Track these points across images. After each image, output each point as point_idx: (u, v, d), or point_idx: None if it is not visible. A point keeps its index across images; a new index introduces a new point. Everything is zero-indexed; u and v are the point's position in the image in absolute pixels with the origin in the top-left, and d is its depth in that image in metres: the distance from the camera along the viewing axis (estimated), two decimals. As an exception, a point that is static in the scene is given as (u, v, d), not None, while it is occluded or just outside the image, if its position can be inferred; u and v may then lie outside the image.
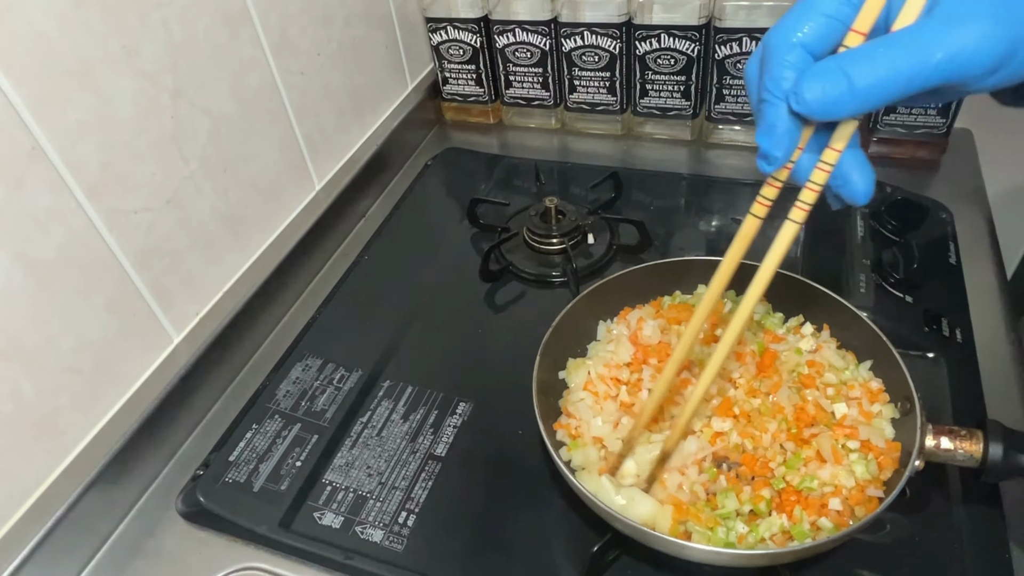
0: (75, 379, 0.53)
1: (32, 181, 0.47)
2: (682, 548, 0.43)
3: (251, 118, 0.67)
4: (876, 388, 0.51)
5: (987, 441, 0.45)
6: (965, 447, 0.46)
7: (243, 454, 0.58)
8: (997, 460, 0.45)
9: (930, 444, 0.46)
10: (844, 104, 0.32)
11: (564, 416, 0.54)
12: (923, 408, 0.47)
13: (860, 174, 0.35)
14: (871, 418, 0.50)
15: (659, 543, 0.44)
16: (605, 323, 0.61)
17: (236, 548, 0.53)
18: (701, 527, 0.45)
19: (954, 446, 0.46)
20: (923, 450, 0.46)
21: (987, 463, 0.45)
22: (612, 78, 0.86)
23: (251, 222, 0.69)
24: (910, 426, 0.47)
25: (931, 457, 0.46)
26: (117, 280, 0.55)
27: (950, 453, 0.46)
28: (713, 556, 0.44)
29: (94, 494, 0.53)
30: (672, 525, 0.45)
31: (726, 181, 0.82)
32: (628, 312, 0.60)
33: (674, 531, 0.45)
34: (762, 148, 0.35)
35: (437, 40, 0.91)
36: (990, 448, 0.45)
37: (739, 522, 0.45)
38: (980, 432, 0.46)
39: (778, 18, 0.79)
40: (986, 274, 0.66)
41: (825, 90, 0.31)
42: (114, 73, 0.52)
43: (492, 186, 0.86)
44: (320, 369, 0.64)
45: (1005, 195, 0.81)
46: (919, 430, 0.46)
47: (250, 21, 0.65)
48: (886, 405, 0.51)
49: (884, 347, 0.51)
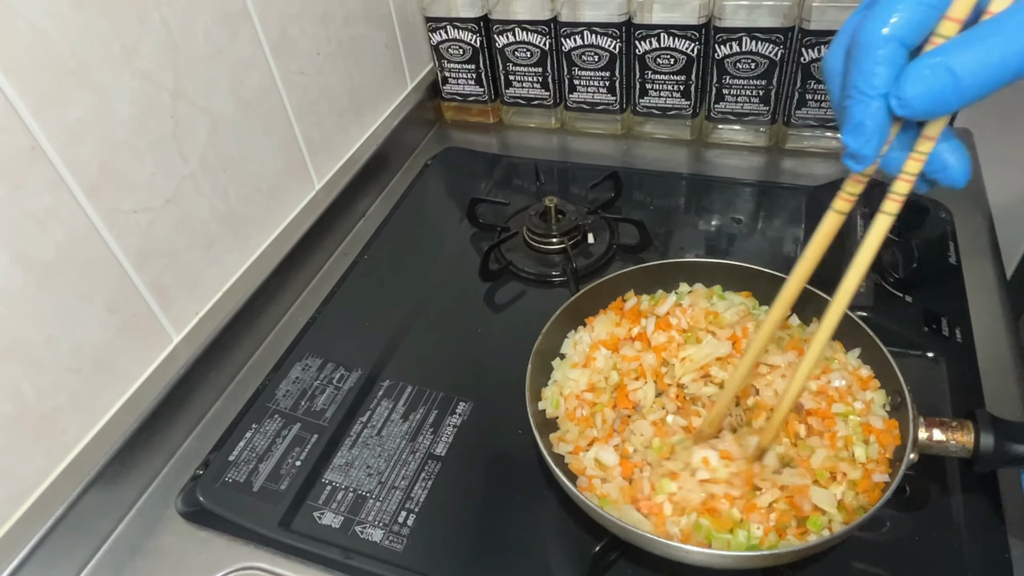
0: (75, 379, 0.53)
1: (32, 181, 0.47)
2: (679, 551, 0.43)
3: (251, 118, 0.67)
4: (866, 375, 0.52)
5: (978, 431, 0.46)
6: (957, 438, 0.47)
7: (243, 454, 0.58)
8: (989, 449, 0.46)
9: (923, 436, 0.47)
10: (949, 101, 0.30)
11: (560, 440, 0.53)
12: (914, 401, 0.47)
13: (956, 158, 0.34)
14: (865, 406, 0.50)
15: (655, 546, 0.43)
16: (571, 336, 0.59)
17: (236, 548, 0.53)
18: (720, 531, 0.44)
19: (946, 437, 0.47)
20: (916, 442, 0.46)
21: (979, 453, 0.46)
22: (612, 78, 0.86)
23: (251, 221, 0.69)
24: (902, 420, 0.48)
25: (924, 449, 0.47)
26: (117, 280, 0.55)
27: (942, 445, 0.47)
28: (717, 559, 0.43)
29: (94, 494, 0.53)
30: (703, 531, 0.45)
31: (726, 181, 0.82)
32: (593, 320, 0.60)
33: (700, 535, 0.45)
34: (850, 147, 0.33)
35: (437, 40, 0.91)
36: (981, 438, 0.46)
37: (753, 525, 0.45)
38: (971, 423, 0.47)
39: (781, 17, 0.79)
40: (986, 274, 0.66)
41: (930, 89, 0.29)
42: (114, 72, 0.52)
43: (492, 186, 0.86)
44: (320, 369, 0.64)
45: (1005, 195, 0.81)
46: (911, 423, 0.47)
47: (250, 20, 0.65)
48: (877, 392, 0.51)
49: (872, 341, 0.52)
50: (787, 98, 0.81)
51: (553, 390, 0.55)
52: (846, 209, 0.38)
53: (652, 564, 0.48)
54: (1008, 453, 0.46)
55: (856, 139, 0.33)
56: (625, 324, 0.58)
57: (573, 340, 0.58)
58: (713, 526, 0.44)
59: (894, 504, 0.48)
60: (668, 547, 0.43)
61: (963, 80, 0.29)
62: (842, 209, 0.38)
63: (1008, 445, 0.46)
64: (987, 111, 0.80)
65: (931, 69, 0.29)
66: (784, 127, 0.83)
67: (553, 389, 0.55)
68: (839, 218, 0.38)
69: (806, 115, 0.81)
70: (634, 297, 0.61)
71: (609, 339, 0.57)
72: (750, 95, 0.81)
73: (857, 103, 0.32)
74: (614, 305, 0.60)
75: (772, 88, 0.80)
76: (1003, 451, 0.46)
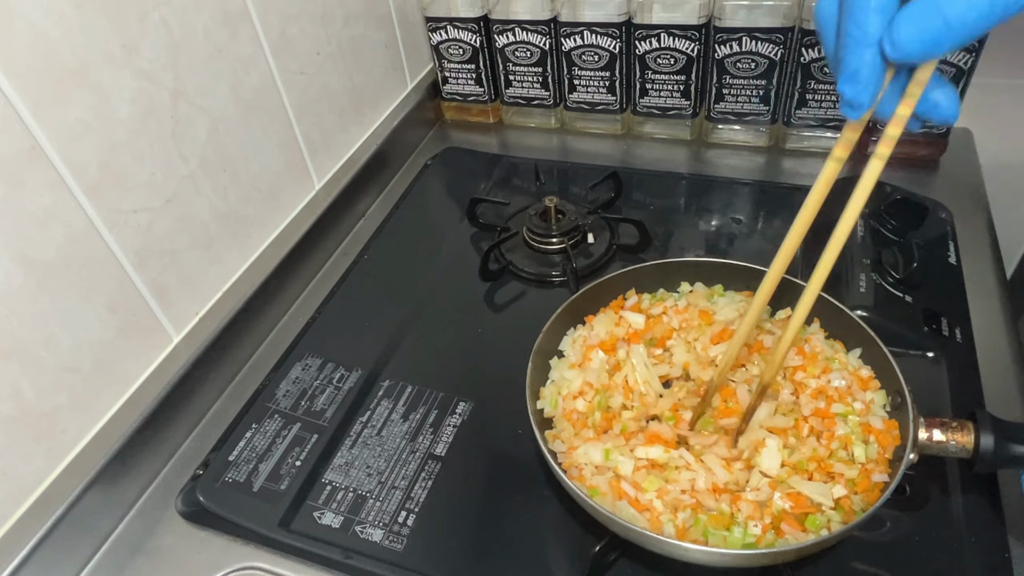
0: (74, 378, 0.53)
1: (32, 180, 0.47)
2: (676, 548, 0.43)
3: (251, 117, 0.67)
4: (866, 376, 0.52)
5: (978, 432, 0.46)
6: (957, 439, 0.46)
7: (243, 454, 0.58)
8: (989, 450, 0.46)
9: (923, 437, 0.47)
10: (941, 43, 0.30)
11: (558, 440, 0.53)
12: (914, 401, 0.47)
13: (944, 95, 0.35)
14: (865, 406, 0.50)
15: (656, 544, 0.44)
16: (570, 334, 0.59)
17: (236, 548, 0.53)
18: (716, 528, 0.45)
19: (946, 438, 0.47)
20: (916, 443, 0.46)
21: (979, 454, 0.46)
22: (612, 77, 0.86)
23: (251, 221, 0.69)
24: (902, 420, 0.48)
25: (924, 450, 0.47)
26: (117, 280, 0.55)
27: (942, 445, 0.47)
28: (716, 557, 0.44)
29: (94, 494, 0.53)
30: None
31: (726, 180, 0.81)
32: (592, 319, 0.60)
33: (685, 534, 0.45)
34: (847, 95, 0.34)
35: (437, 39, 0.91)
36: (981, 439, 0.46)
37: (751, 523, 0.45)
38: (971, 423, 0.47)
39: (781, 17, 0.79)
40: (986, 274, 0.66)
41: (921, 33, 0.30)
42: (113, 72, 0.52)
43: (492, 185, 0.86)
44: (320, 369, 0.64)
45: (1005, 194, 0.81)
46: (911, 423, 0.46)
47: (249, 20, 0.65)
48: (877, 392, 0.51)
49: (872, 341, 0.52)
50: (787, 98, 0.81)
51: (551, 389, 0.55)
52: (844, 155, 0.38)
53: (653, 564, 0.48)
54: (1008, 454, 0.46)
55: (853, 87, 0.33)
56: (624, 324, 0.58)
57: (571, 338, 0.59)
58: (709, 523, 0.45)
59: (894, 504, 0.49)
60: (667, 544, 0.43)
61: (953, 21, 0.29)
62: (840, 156, 0.39)
63: (1008, 446, 0.46)
64: (987, 111, 0.80)
65: (922, 12, 0.30)
66: (784, 127, 0.83)
67: (551, 388, 0.55)
68: (837, 166, 0.39)
69: (806, 115, 0.81)
70: (635, 296, 0.61)
71: (609, 339, 0.57)
72: (750, 95, 0.81)
73: (852, 52, 0.33)
74: (615, 304, 0.60)
75: (772, 88, 0.80)
76: (1003, 452, 0.46)
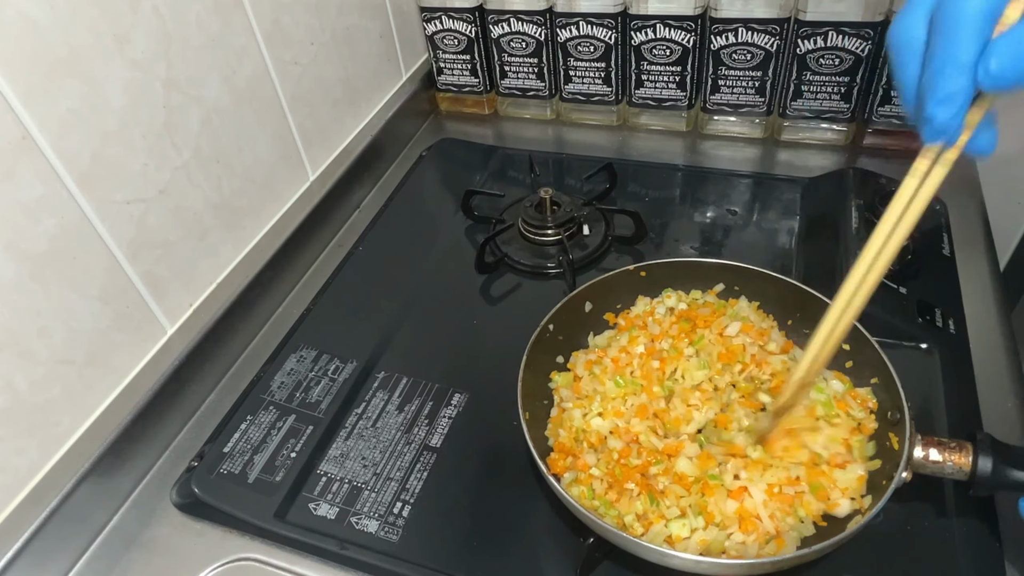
0: (68, 370, 0.52)
1: (23, 171, 0.47)
2: (655, 553, 0.43)
3: (244, 108, 0.66)
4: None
5: (976, 454, 0.44)
6: (954, 460, 0.44)
7: (238, 445, 0.58)
8: (987, 474, 0.44)
9: (919, 455, 0.45)
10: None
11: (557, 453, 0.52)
12: (912, 419, 0.46)
13: (988, 129, 0.36)
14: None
15: (636, 549, 0.44)
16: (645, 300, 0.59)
17: (231, 539, 0.53)
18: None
19: (943, 458, 0.45)
20: (911, 460, 0.45)
21: (976, 477, 0.44)
22: (607, 68, 0.86)
23: (245, 213, 0.69)
24: (899, 436, 0.46)
25: (919, 468, 0.45)
26: (110, 271, 0.55)
27: (938, 465, 0.45)
28: (691, 564, 0.43)
29: (88, 485, 0.52)
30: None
31: (721, 172, 0.81)
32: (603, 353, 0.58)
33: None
34: (939, 119, 0.34)
35: (432, 30, 0.91)
36: (979, 462, 0.44)
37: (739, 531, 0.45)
38: (970, 445, 0.45)
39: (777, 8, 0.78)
40: (979, 265, 0.67)
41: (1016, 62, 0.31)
42: (105, 62, 0.52)
43: (487, 177, 0.86)
44: (315, 360, 0.64)
45: (999, 186, 0.81)
46: (908, 440, 0.45)
47: (243, 9, 0.64)
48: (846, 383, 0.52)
49: (876, 354, 0.51)
50: (783, 89, 0.80)
51: (567, 427, 0.53)
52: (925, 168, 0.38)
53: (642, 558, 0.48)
54: (1007, 479, 0.44)
55: (946, 111, 0.33)
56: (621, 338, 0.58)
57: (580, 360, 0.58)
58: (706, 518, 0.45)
59: (889, 523, 0.47)
60: (645, 549, 0.43)
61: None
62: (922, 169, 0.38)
63: (1007, 471, 0.44)
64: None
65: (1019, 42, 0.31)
66: (780, 119, 0.83)
67: (567, 426, 0.53)
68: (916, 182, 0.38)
69: (802, 106, 0.81)
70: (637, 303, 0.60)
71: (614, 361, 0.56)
72: (746, 86, 0.81)
73: (949, 77, 0.33)
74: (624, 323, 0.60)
75: (768, 79, 0.80)
76: (1001, 476, 0.44)
